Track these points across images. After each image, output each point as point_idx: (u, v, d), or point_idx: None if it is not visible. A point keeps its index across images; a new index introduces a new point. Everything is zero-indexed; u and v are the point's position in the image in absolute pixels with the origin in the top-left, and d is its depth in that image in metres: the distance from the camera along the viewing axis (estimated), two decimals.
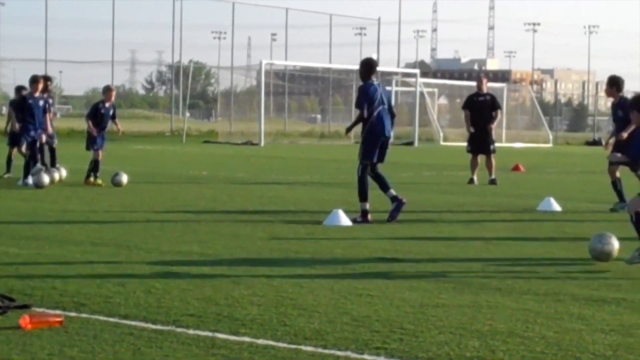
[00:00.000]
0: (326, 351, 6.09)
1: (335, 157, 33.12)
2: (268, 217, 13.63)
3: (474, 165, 20.79)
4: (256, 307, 7.34)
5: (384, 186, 13.41)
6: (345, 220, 12.77)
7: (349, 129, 14.34)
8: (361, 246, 10.90)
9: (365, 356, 6.01)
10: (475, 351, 6.13)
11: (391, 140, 13.62)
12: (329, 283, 8.44)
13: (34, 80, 18.42)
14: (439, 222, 13.57)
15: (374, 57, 18.29)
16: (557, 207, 15.42)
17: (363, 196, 13.23)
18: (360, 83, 13.66)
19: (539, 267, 9.66)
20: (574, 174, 26.05)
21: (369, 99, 13.19)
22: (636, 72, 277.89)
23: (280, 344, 6.25)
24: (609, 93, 16.04)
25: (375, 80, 13.50)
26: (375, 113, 13.18)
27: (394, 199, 13.28)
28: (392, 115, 13.51)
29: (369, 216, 13.16)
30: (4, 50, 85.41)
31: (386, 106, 13.33)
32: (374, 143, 13.21)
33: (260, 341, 6.31)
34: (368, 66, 13.56)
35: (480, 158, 20.78)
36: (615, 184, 15.40)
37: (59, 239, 10.97)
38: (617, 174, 15.33)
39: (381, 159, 13.38)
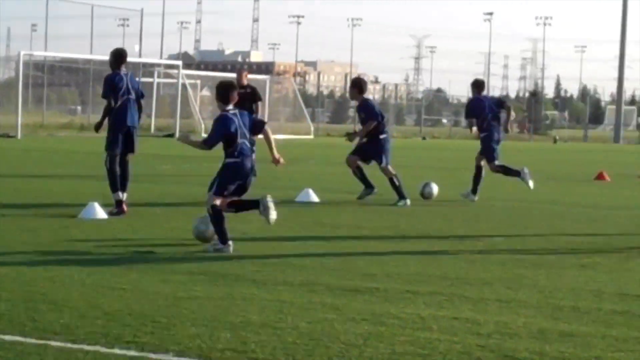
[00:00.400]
0: (75, 346, 5.94)
1: (95, 149, 32.44)
2: (22, 211, 13.21)
3: None
4: (4, 303, 7.08)
5: (121, 184, 13.19)
6: (101, 213, 12.52)
7: (99, 124, 13.86)
8: (116, 239, 10.71)
9: (115, 350, 5.89)
10: (227, 343, 6.12)
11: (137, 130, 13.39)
12: (82, 277, 8.25)
13: None
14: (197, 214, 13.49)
15: (136, 48, 17.99)
16: (315, 198, 15.66)
17: (114, 187, 13.05)
18: None
19: (294, 259, 9.74)
20: (334, 166, 26.50)
21: (114, 88, 13.00)
22: (398, 66, 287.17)
23: (28, 340, 6.06)
24: (351, 95, 16.29)
25: (123, 70, 13.29)
26: (119, 102, 13.01)
27: (119, 202, 13.13)
28: (139, 106, 13.34)
29: (124, 206, 12.97)
30: None
31: (132, 96, 13.14)
32: (116, 133, 13.04)
33: (7, 337, 6.09)
34: (117, 56, 13.36)
35: None
36: (356, 173, 15.76)
37: None
38: (358, 164, 15.70)
39: (131, 149, 13.19)
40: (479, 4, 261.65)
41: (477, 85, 16.59)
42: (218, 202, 10.03)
